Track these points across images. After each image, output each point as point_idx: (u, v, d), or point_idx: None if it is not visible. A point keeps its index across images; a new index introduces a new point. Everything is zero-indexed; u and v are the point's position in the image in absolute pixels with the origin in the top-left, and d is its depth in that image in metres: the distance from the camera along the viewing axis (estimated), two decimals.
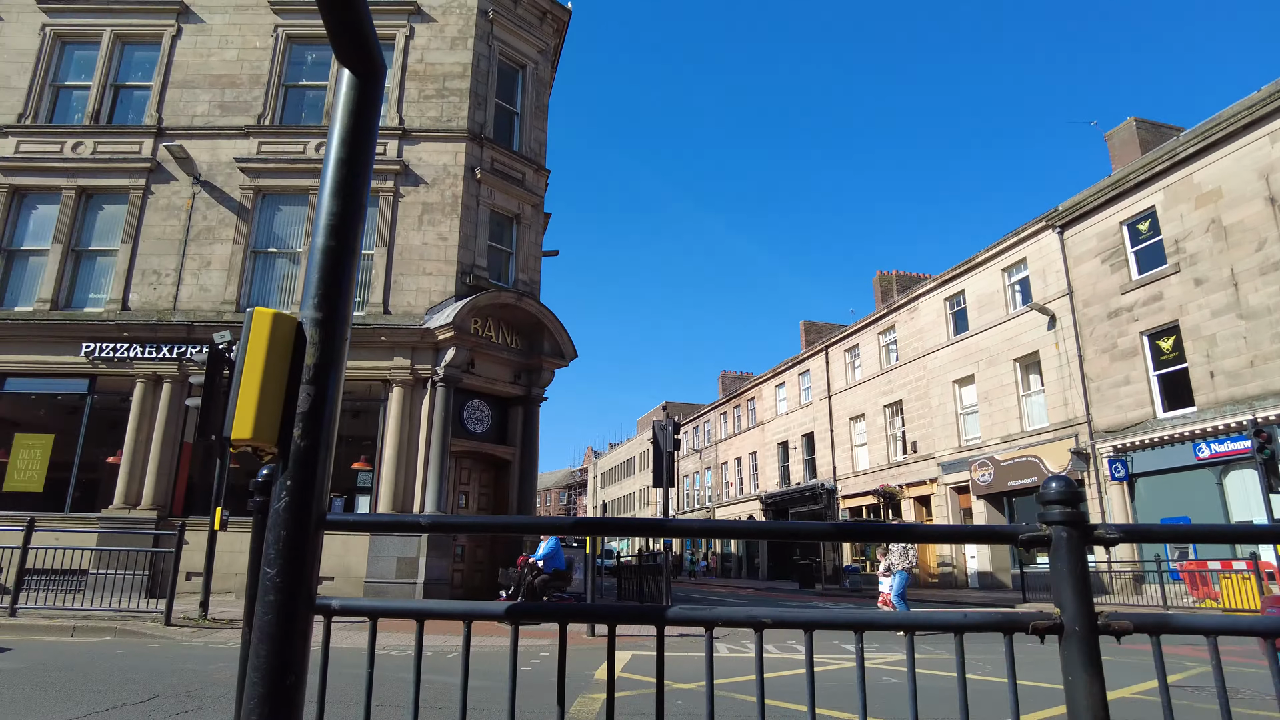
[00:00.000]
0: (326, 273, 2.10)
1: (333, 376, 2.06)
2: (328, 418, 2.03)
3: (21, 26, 18.25)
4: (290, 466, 1.95)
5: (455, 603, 2.39)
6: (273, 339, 2.02)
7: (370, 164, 2.25)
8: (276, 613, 1.85)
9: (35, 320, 15.90)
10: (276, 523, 1.90)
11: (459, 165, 16.57)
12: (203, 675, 7.20)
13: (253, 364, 1.99)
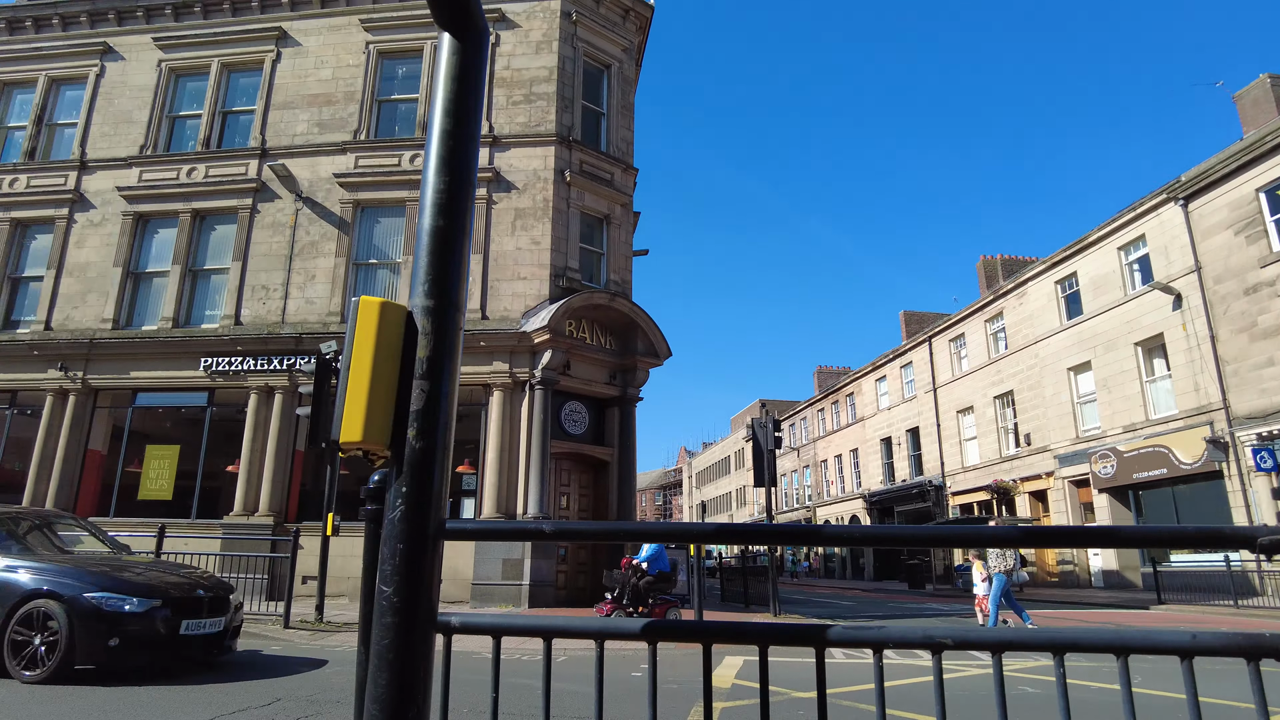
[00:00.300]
0: (436, 255, 1.90)
1: (447, 370, 1.86)
2: (444, 416, 1.83)
3: (141, 64, 19.36)
4: (405, 471, 1.76)
5: (585, 619, 2.15)
6: (381, 331, 1.83)
7: (478, 134, 2.05)
8: (395, 636, 1.65)
9: (160, 338, 16.79)
10: (392, 534, 1.71)
11: (549, 169, 16.60)
12: (322, 680, 7.29)
13: (360, 359, 1.80)
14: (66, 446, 16.66)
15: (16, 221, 18.82)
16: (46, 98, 19.83)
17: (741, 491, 66.16)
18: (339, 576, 14.51)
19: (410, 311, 1.90)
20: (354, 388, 1.79)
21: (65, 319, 17.67)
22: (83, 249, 18.17)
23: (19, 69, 20.09)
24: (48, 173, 18.94)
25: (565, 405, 16.27)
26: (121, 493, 16.87)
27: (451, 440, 1.88)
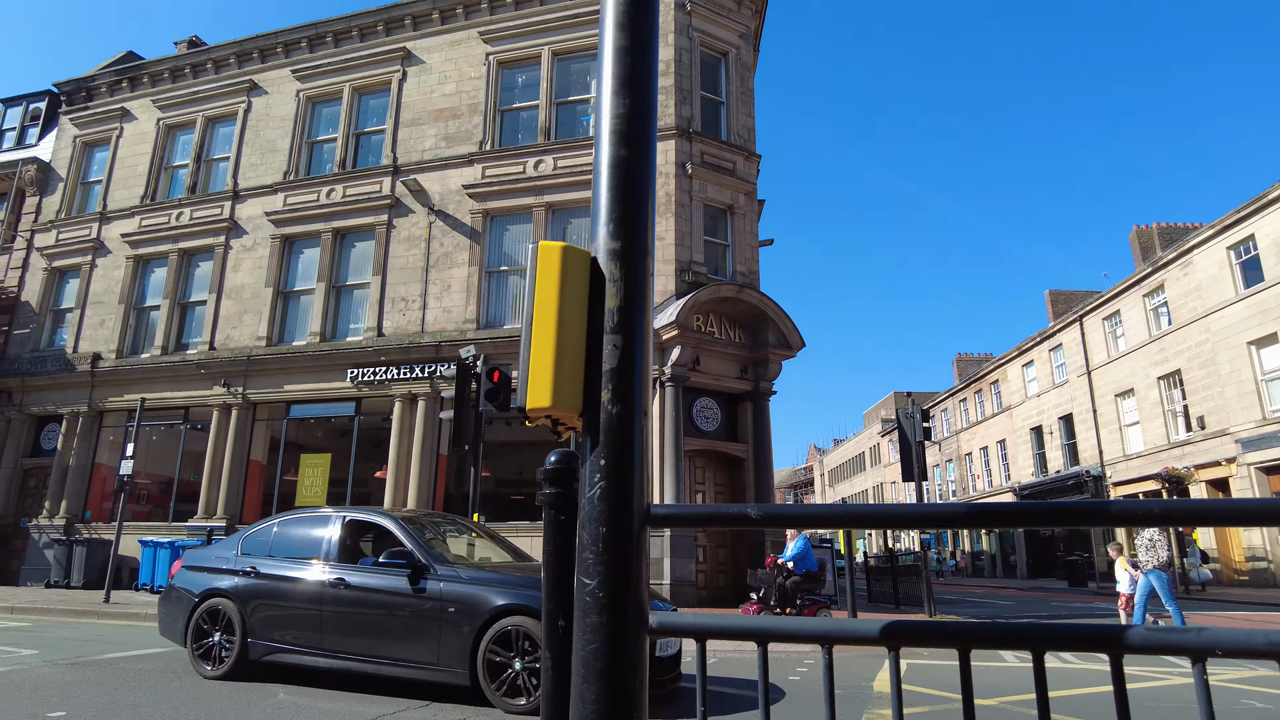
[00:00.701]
0: (620, 190, 1.63)
1: (641, 322, 1.59)
2: (641, 375, 1.57)
3: (282, 96, 20.56)
4: (602, 441, 1.50)
5: (802, 621, 1.82)
6: (565, 280, 1.58)
7: (655, 51, 1.77)
8: (606, 639, 1.39)
9: (309, 352, 17.70)
10: (592, 516, 1.45)
11: (669, 163, 16.39)
12: None
13: (544, 314, 1.56)
14: (232, 457, 17.84)
15: (183, 252, 20.37)
16: (204, 136, 21.39)
17: (879, 489, 63.90)
18: None
19: (594, 258, 1.64)
20: (539, 347, 1.55)
21: (226, 338, 18.96)
22: (238, 272, 19.45)
23: (181, 113, 21.76)
24: (206, 204, 20.40)
25: (696, 401, 16.00)
26: (280, 500, 17.91)
27: (650, 405, 1.60)
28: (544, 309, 1.56)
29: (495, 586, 6.26)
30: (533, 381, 1.54)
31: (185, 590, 7.45)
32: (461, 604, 6.21)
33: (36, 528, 19.11)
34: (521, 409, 1.56)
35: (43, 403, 20.40)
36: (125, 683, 6.65)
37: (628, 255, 1.62)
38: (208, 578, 7.40)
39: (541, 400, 1.53)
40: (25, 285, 22.09)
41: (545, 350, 1.54)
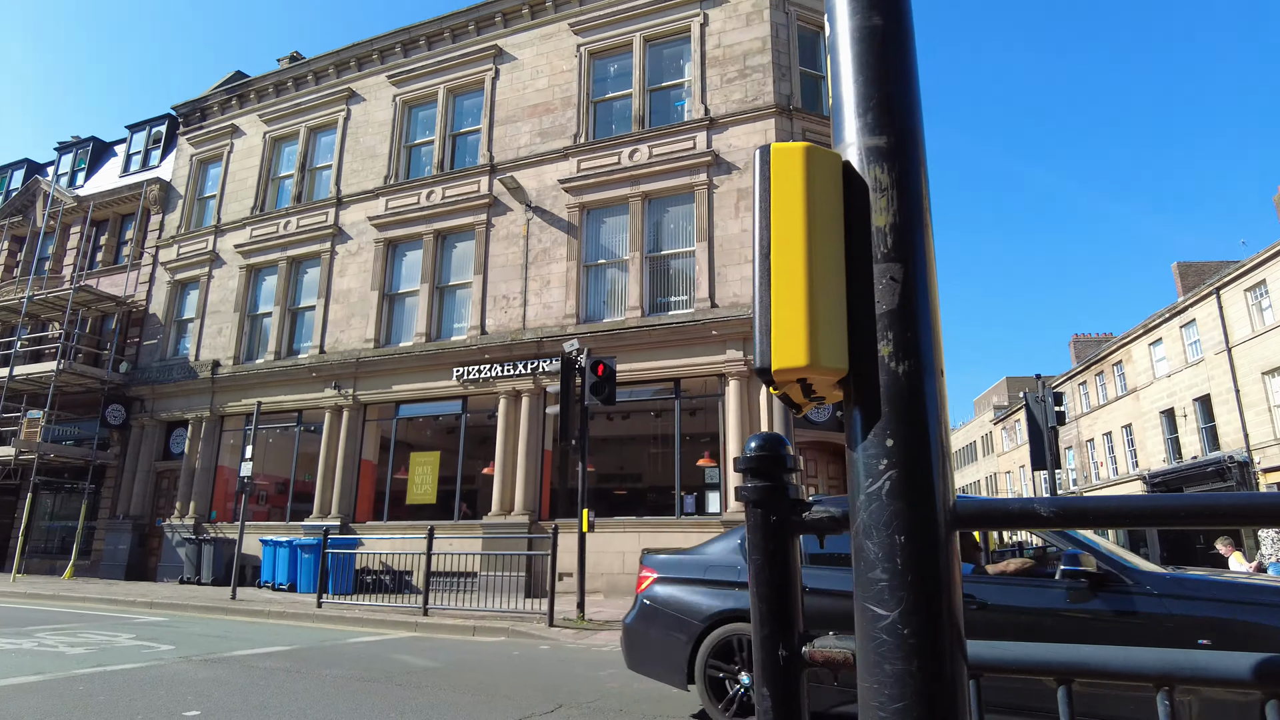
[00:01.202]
0: (875, 68, 1.19)
1: (922, 243, 1.14)
2: (930, 318, 1.11)
3: (379, 102, 20.93)
4: (886, 413, 1.06)
5: (1136, 651, 1.28)
6: (812, 193, 1.15)
7: None
8: (920, 695, 0.94)
9: (415, 352, 17.92)
10: (882, 521, 1.01)
11: (769, 142, 15.74)
12: (596, 684, 6.96)
13: (785, 240, 1.13)
14: (344, 458, 18.24)
15: (292, 259, 21.01)
16: (307, 146, 22.02)
17: (992, 479, 61.10)
18: (593, 573, 14.52)
19: (845, 161, 1.18)
20: (783, 285, 1.11)
21: (335, 342, 19.42)
22: (344, 277, 19.90)
23: (285, 125, 22.47)
24: (311, 212, 20.98)
25: None
26: (391, 499, 18.21)
27: (940, 362, 1.14)
28: (785, 234, 1.12)
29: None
30: (779, 333, 1.10)
31: (678, 613, 5.69)
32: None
33: (170, 527, 20.09)
34: (763, 371, 1.11)
35: (170, 409, 21.44)
36: (254, 682, 6.62)
37: (898, 152, 1.17)
38: (713, 596, 5.62)
39: (793, 358, 1.09)
40: (152, 298, 23.29)
41: (792, 289, 1.10)
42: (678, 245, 16.41)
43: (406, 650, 9.03)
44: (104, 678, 6.72)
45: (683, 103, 17.29)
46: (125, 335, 23.50)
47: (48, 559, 22.58)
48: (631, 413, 17.77)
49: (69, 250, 26.00)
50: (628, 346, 15.48)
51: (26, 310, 22.84)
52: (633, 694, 6.51)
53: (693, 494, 15.36)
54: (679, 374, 15.53)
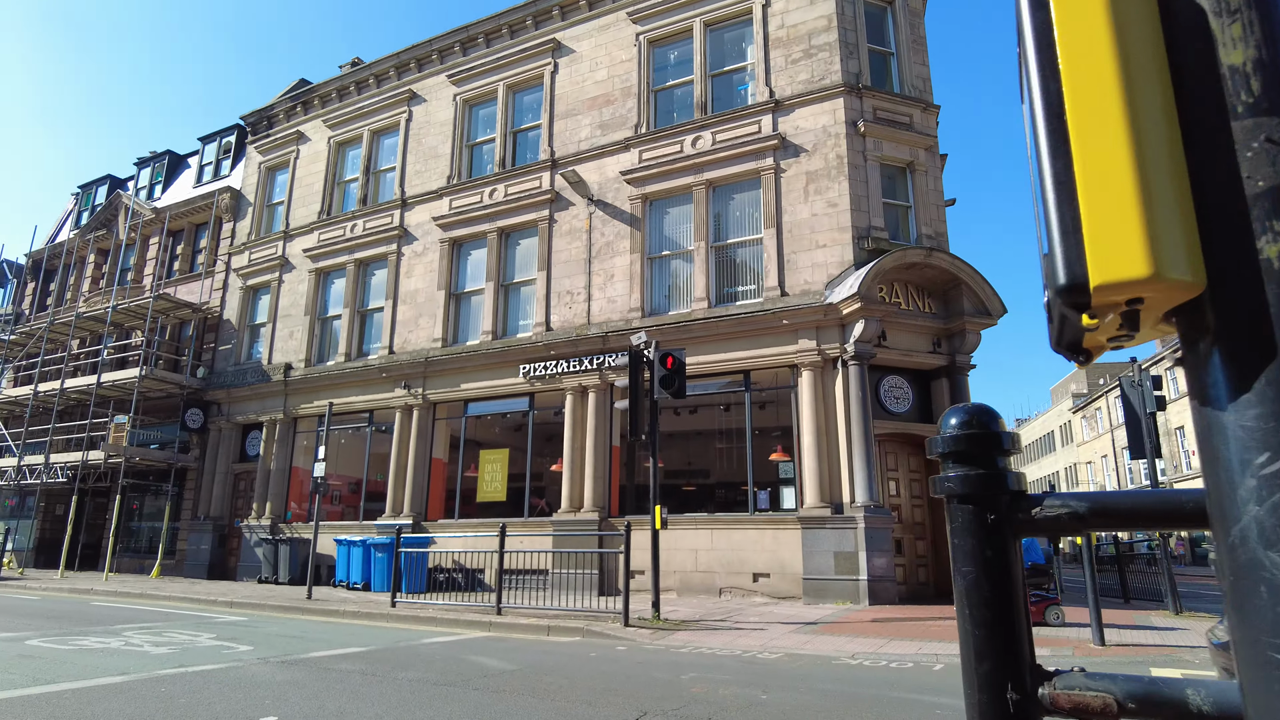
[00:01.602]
0: None
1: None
2: None
3: (439, 102, 20.99)
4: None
5: None
6: (1121, 24, 0.76)
7: None
8: None
9: (482, 351, 17.87)
10: None
11: (838, 123, 15.17)
12: (680, 689, 6.61)
13: (1087, 89, 0.75)
14: (415, 456, 18.31)
15: (359, 262, 21.24)
16: (370, 149, 22.23)
17: (1072, 470, 58.77)
18: (665, 571, 14.18)
19: None
20: (1092, 157, 0.74)
21: (403, 342, 19.53)
22: (411, 278, 20.00)
23: (349, 129, 22.74)
24: (378, 215, 21.16)
25: (883, 380, 14.72)
26: (462, 496, 18.21)
27: None
28: (1086, 80, 0.74)
29: None
30: (1096, 230, 0.72)
31: None
32: None
33: (247, 527, 20.52)
34: (1070, 290, 0.73)
35: (245, 412, 21.91)
36: (330, 686, 6.48)
37: None
38: None
39: (1124, 266, 0.70)
40: (226, 304, 23.87)
41: (1110, 162, 0.72)
42: (744, 233, 15.95)
43: (482, 651, 8.84)
44: (185, 679, 6.67)
45: (746, 86, 16.81)
46: (201, 341, 24.14)
47: (137, 558, 23.36)
48: (699, 407, 17.41)
49: (149, 260, 26.87)
50: (695, 339, 15.10)
51: (111, 320, 23.64)
52: (719, 700, 6.15)
53: (766, 489, 14.90)
54: (749, 366, 15.08)
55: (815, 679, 7.18)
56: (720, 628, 10.65)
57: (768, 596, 13.82)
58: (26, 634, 9.66)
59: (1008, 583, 1.10)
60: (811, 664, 8.08)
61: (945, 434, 1.18)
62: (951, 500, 1.16)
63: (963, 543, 1.14)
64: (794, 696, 6.34)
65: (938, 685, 6.90)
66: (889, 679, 7.22)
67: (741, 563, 14.23)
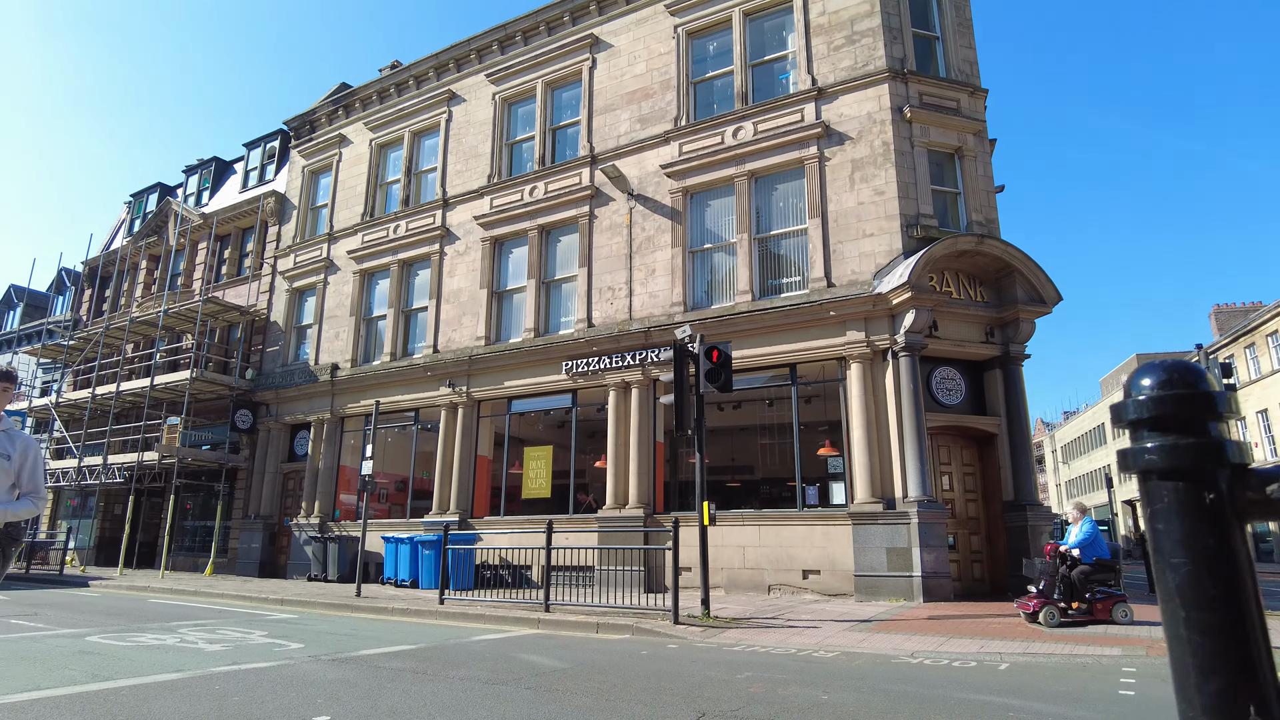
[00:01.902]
0: None
1: None
2: None
3: (479, 102, 21.02)
4: None
5: None
6: None
7: None
8: None
9: (525, 348, 17.84)
10: None
11: (884, 109, 14.81)
12: (737, 689, 6.43)
13: None
14: (461, 454, 18.36)
15: (403, 262, 21.38)
16: (411, 150, 22.37)
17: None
18: (712, 568, 13.97)
19: None
20: None
21: (447, 341, 19.61)
22: (454, 277, 20.07)
23: (390, 131, 22.91)
24: (419, 215, 21.28)
25: (935, 372, 14.34)
26: (507, 494, 18.22)
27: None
28: None
29: None
30: None
31: None
32: None
33: (297, 526, 20.79)
34: None
35: (293, 412, 22.21)
36: (382, 684, 6.43)
37: None
38: None
39: None
40: (273, 307, 24.23)
41: None
42: (788, 224, 15.67)
43: (532, 649, 8.75)
44: (238, 676, 6.67)
45: (787, 75, 16.51)
46: (250, 343, 24.55)
47: (191, 556, 23.85)
48: (743, 402, 17.18)
49: (197, 265, 27.42)
50: (739, 332, 14.86)
51: (162, 324, 24.15)
52: (779, 700, 5.96)
53: (814, 485, 14.62)
54: (794, 359, 14.80)
55: (876, 678, 6.95)
56: (772, 625, 10.44)
57: (818, 594, 13.55)
58: (88, 630, 9.84)
59: (1237, 579, 0.91)
60: (870, 663, 7.84)
61: (1139, 396, 0.99)
62: (1150, 476, 0.98)
63: (1170, 528, 0.96)
64: (857, 697, 6.13)
65: (1006, 686, 6.62)
66: (954, 678, 6.95)
67: (790, 559, 13.98)
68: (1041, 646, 8.54)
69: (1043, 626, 9.95)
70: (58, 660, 7.44)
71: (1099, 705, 5.90)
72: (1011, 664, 7.74)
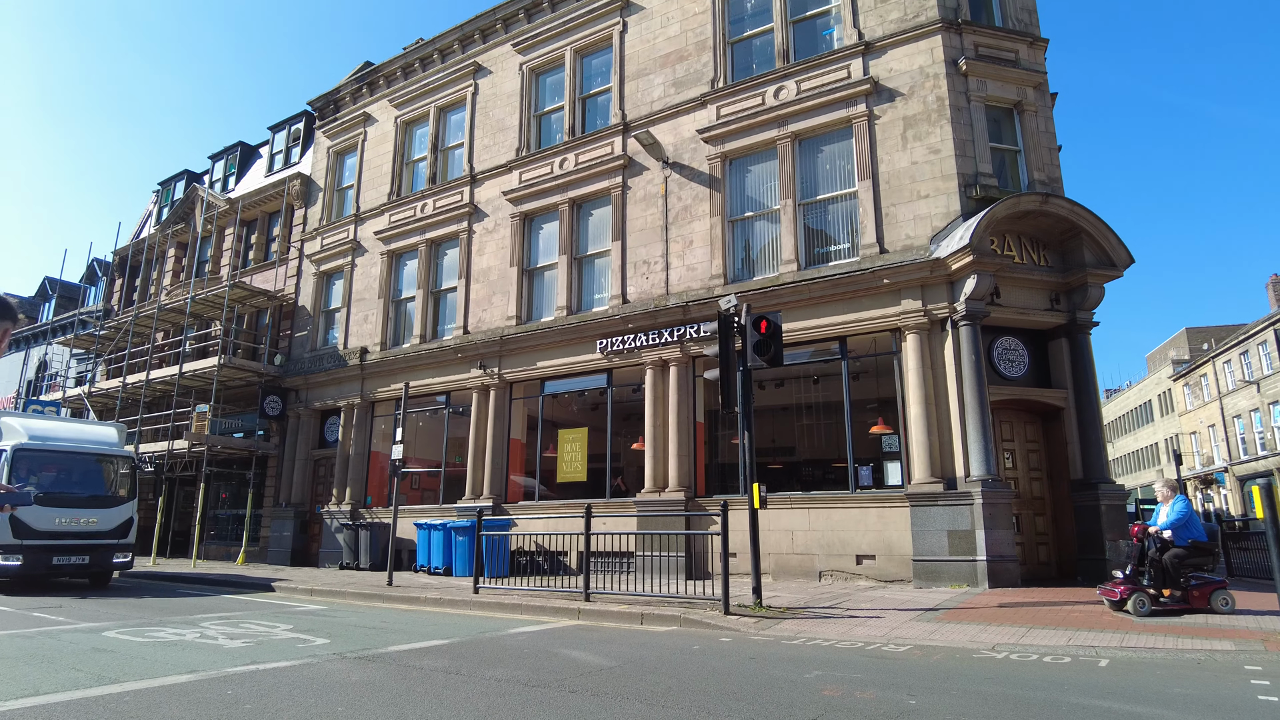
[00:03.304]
0: None
1: None
2: None
3: (506, 73, 20.25)
4: None
5: None
6: None
7: None
8: None
9: (558, 327, 17.14)
10: None
11: (937, 62, 13.79)
12: (808, 692, 5.67)
13: None
14: (494, 438, 17.75)
15: (431, 242, 20.76)
16: (437, 126, 21.69)
17: (1173, 440, 55.18)
18: (760, 553, 13.25)
19: None
20: None
21: (478, 321, 18.96)
22: (483, 255, 19.39)
23: (415, 108, 22.25)
24: (447, 193, 20.62)
25: (996, 342, 13.38)
26: (542, 477, 17.57)
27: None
28: None
29: None
30: None
31: None
32: None
33: (328, 513, 20.37)
34: None
35: (323, 398, 21.77)
36: (410, 687, 5.76)
37: None
38: None
39: None
40: (300, 291, 23.78)
41: None
42: (835, 187, 14.73)
43: (574, 644, 8.06)
44: (254, 678, 6.05)
45: (831, 31, 15.51)
46: (278, 329, 24.15)
47: (223, 544, 23.60)
48: (785, 380, 16.33)
49: (225, 251, 27.07)
50: (784, 304, 13.98)
51: (190, 310, 23.82)
52: (859, 706, 5.18)
53: (867, 465, 13.76)
54: (844, 331, 13.91)
55: (963, 677, 6.15)
56: (831, 615, 9.65)
57: (873, 580, 12.73)
58: (107, 624, 9.35)
59: None
60: (949, 658, 7.03)
61: None
62: None
63: None
64: (948, 701, 5.33)
65: (1116, 687, 5.78)
66: (1052, 677, 6.12)
67: (843, 544, 13.16)
68: (1139, 639, 7.65)
69: (1131, 615, 9.05)
70: (66, 659, 6.90)
71: (1238, 714, 5.04)
72: (1112, 660, 6.88)
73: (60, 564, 13.97)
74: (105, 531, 14.65)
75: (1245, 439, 45.22)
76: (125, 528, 15.04)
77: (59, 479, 14.68)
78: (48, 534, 13.80)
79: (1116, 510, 12.75)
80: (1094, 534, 12.62)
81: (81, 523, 14.35)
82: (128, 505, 15.28)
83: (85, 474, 15.06)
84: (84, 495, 14.78)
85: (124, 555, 14.93)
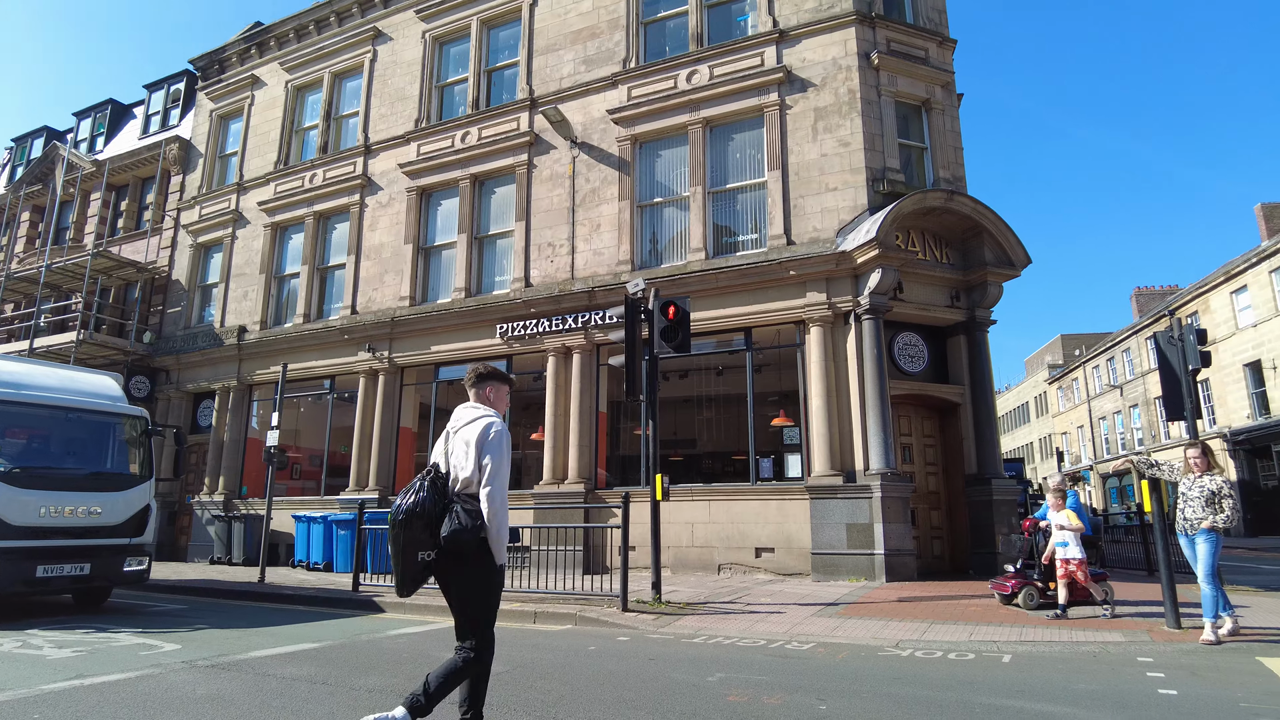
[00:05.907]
0: None
1: None
2: None
3: (407, 40, 19.16)
4: None
5: None
6: None
7: None
8: None
9: (455, 309, 16.30)
10: None
11: (850, 54, 13.73)
12: (712, 697, 5.27)
13: None
14: (381, 426, 16.77)
15: (319, 215, 19.47)
16: (331, 93, 20.37)
17: (1046, 441, 58.47)
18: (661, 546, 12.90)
19: None
20: None
21: (368, 301, 17.88)
22: (375, 231, 18.30)
23: (308, 73, 20.82)
24: (339, 163, 19.37)
25: (897, 338, 13.45)
26: None
27: None
28: None
29: None
30: None
31: None
32: None
33: (199, 504, 18.86)
34: None
35: (196, 379, 20.15)
36: (265, 703, 5.04)
37: None
38: None
39: None
40: (175, 264, 21.97)
41: None
42: (745, 176, 14.49)
43: None
44: (72, 697, 5.16)
45: (746, 18, 15.27)
46: (149, 304, 22.23)
47: None
48: (689, 371, 16.09)
49: (90, 218, 24.75)
50: (691, 293, 13.60)
51: (46, 280, 21.62)
52: (767, 713, 4.81)
53: (768, 457, 13.61)
54: (750, 322, 13.70)
55: (871, 678, 5.88)
56: (731, 611, 9.36)
57: (772, 573, 12.57)
58: None
59: None
60: (855, 657, 6.79)
61: None
62: None
63: None
64: (859, 705, 5.03)
65: (1023, 684, 5.63)
66: (958, 675, 5.94)
67: (743, 537, 12.95)
68: (1037, 633, 7.65)
69: (1022, 608, 9.14)
70: None
71: (1144, 710, 4.93)
72: (1014, 655, 6.80)
73: (48, 576, 9.30)
74: (113, 526, 10.04)
75: (1109, 439, 48.24)
76: (140, 521, 10.40)
77: (41, 448, 10.15)
78: (27, 530, 9.16)
79: (1008, 505, 13.02)
80: (986, 527, 12.84)
81: (78, 513, 9.72)
82: (143, 488, 10.58)
83: (79, 441, 10.41)
84: (80, 473, 10.11)
85: (138, 561, 10.31)
